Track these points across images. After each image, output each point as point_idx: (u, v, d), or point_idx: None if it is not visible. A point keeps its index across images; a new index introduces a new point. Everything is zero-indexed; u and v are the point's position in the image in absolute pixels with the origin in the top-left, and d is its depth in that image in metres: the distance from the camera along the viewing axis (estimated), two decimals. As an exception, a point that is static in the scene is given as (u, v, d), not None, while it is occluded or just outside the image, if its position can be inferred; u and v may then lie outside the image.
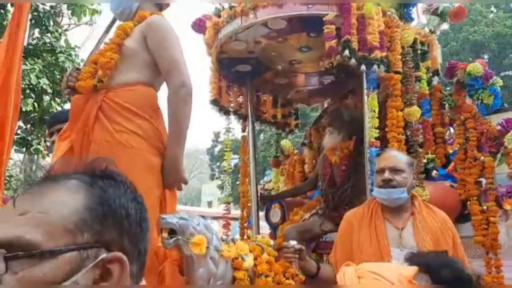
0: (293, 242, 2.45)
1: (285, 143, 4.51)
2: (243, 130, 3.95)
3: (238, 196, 4.14)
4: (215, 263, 1.96)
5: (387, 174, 2.42)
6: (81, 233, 0.64)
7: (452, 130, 3.62)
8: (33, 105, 6.82)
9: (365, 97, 2.92)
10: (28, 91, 6.84)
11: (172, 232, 1.89)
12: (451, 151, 3.52)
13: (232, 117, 3.89)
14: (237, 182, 4.06)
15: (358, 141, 3.32)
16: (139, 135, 1.96)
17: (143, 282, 0.75)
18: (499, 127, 3.10)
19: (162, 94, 2.14)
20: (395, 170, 2.43)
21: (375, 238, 2.45)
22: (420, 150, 3.06)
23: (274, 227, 3.92)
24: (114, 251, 0.66)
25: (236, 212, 4.75)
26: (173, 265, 2.03)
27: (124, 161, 1.83)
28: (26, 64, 6.46)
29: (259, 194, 3.93)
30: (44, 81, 6.73)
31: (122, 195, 0.70)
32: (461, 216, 3.27)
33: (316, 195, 3.88)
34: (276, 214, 3.92)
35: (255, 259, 2.12)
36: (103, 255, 0.64)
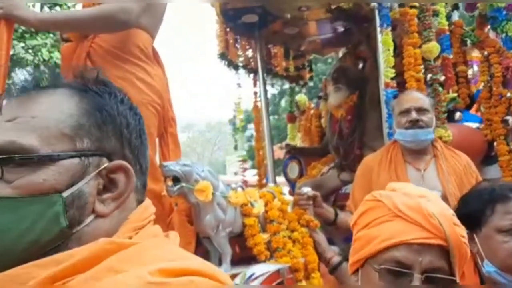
0: (306, 189, 2.35)
1: (301, 97, 4.35)
2: (254, 85, 3.81)
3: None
4: (222, 209, 1.88)
5: (414, 115, 2.29)
6: (80, 139, 0.59)
7: (475, 68, 3.40)
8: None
9: (379, 35, 2.73)
10: (42, 67, 6.87)
11: (176, 180, 1.82)
12: (475, 91, 3.31)
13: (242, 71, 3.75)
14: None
15: (362, 94, 3.27)
16: (127, 81, 1.84)
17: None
18: (526, 59, 2.88)
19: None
20: (422, 110, 2.30)
21: (396, 180, 2.33)
22: (441, 89, 2.87)
23: (292, 183, 3.83)
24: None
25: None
26: (181, 215, 1.97)
27: None
28: (37, 39, 6.44)
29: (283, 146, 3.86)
30: (56, 55, 6.72)
31: (119, 102, 0.64)
32: (487, 158, 3.10)
33: None
34: (293, 169, 3.82)
35: (266, 205, 2.03)
36: (106, 164, 0.60)
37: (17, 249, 0.54)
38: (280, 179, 4.15)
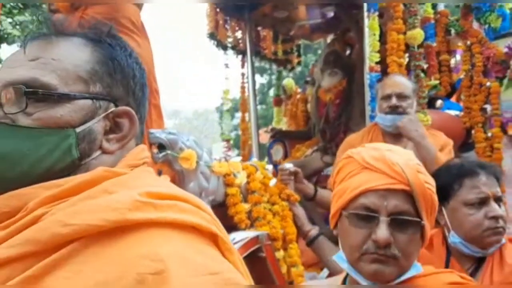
0: (288, 165, 2.43)
1: (288, 82, 4.41)
2: (242, 66, 3.85)
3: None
4: (206, 178, 1.93)
5: (394, 101, 2.37)
6: (93, 83, 0.66)
7: (458, 57, 3.48)
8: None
9: (365, 20, 2.80)
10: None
11: (162, 147, 1.86)
12: (456, 80, 3.40)
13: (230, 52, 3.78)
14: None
15: (350, 79, 3.34)
16: None
17: None
18: (506, 50, 2.97)
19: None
20: (402, 97, 2.38)
21: (374, 160, 2.41)
22: (423, 75, 2.95)
23: (276, 166, 3.90)
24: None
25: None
26: (165, 183, 2.01)
27: None
28: (25, 15, 6.35)
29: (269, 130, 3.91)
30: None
31: (128, 55, 0.71)
32: (465, 145, 3.21)
33: None
34: (278, 152, 3.89)
35: (248, 177, 2.09)
36: (113, 108, 0.67)
37: (33, 173, 0.60)
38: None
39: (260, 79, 18.26)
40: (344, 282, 1.14)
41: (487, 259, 1.46)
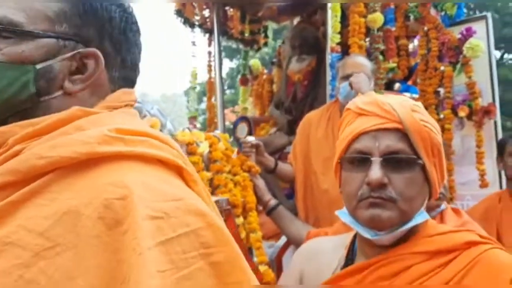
0: (250, 138, 2.52)
1: (254, 62, 4.47)
2: (209, 45, 3.89)
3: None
4: (169, 146, 1.99)
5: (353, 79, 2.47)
6: (59, 23, 0.68)
7: (416, 42, 3.64)
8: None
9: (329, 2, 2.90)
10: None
11: (126, 115, 1.91)
12: (413, 64, 3.55)
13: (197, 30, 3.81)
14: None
15: (319, 59, 3.41)
16: None
17: None
18: (459, 36, 3.14)
19: None
20: None
21: (331, 135, 2.54)
22: (381, 58, 3.09)
23: (240, 143, 3.97)
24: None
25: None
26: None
27: None
28: None
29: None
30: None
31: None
32: (419, 126, 3.37)
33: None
34: (243, 129, 3.96)
35: (211, 146, 2.17)
36: (80, 49, 0.69)
37: None
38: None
39: (230, 64, 18.20)
40: (354, 237, 1.10)
41: None
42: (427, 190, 1.01)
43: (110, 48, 0.72)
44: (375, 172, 0.94)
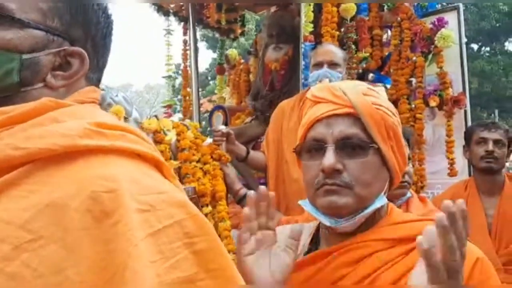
0: (221, 126, 2.51)
1: (231, 52, 4.45)
2: (184, 34, 3.85)
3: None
4: (135, 134, 1.98)
5: (325, 68, 2.48)
6: (51, 17, 0.68)
7: (390, 33, 3.66)
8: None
9: (302, -9, 2.89)
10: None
11: (90, 103, 1.88)
12: (387, 54, 3.58)
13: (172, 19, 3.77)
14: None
15: (295, 48, 3.38)
16: None
17: None
18: (431, 26, 3.17)
19: None
20: (332, 64, 2.50)
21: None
22: (354, 47, 3.10)
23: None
24: None
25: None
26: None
27: None
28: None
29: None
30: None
31: (96, 4, 0.74)
32: (391, 116, 3.40)
33: None
34: (218, 118, 3.94)
35: (178, 135, 2.16)
36: (66, 47, 0.70)
37: None
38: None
39: (213, 55, 18.07)
40: (318, 226, 1.10)
41: None
42: (386, 175, 1.00)
43: (91, 50, 0.74)
44: (328, 158, 0.94)
